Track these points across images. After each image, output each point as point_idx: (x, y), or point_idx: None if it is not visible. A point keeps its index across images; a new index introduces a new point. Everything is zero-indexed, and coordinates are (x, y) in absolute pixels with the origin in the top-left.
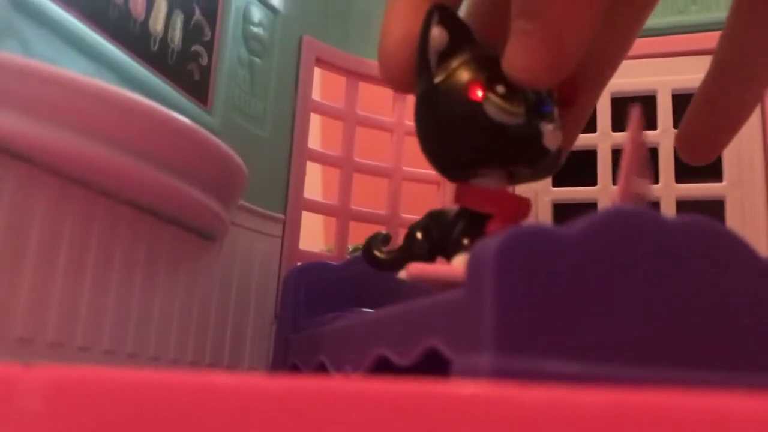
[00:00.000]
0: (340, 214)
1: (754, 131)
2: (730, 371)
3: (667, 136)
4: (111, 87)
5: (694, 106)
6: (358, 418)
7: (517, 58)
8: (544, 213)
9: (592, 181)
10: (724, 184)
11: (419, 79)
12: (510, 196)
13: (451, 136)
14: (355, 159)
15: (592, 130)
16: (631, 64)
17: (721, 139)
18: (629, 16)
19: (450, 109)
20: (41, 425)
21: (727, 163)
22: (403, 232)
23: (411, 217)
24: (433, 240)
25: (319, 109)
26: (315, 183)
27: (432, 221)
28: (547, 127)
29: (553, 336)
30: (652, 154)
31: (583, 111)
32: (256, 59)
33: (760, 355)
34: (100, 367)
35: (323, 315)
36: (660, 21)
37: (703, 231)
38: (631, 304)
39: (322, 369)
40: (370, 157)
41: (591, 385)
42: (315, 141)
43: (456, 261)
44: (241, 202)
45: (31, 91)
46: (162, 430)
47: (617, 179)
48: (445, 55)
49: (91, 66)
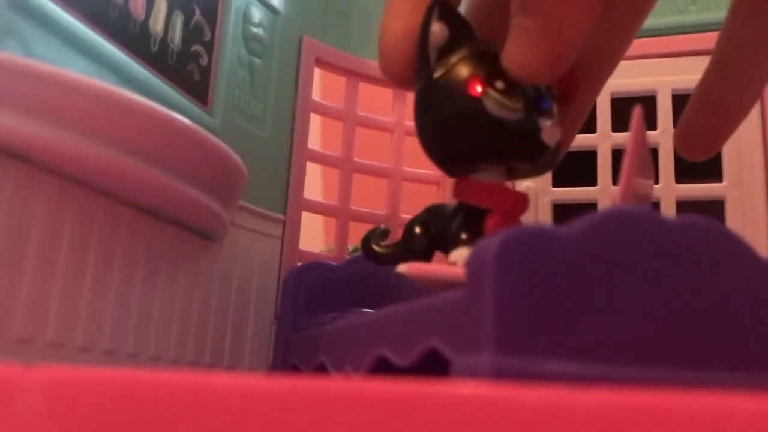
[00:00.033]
0: (340, 215)
1: (754, 131)
2: (730, 371)
3: (667, 137)
4: (111, 87)
5: (693, 104)
6: (358, 418)
7: (517, 53)
8: (544, 213)
9: (592, 182)
10: (724, 184)
11: (419, 75)
12: (508, 191)
13: (450, 132)
14: (355, 159)
15: (592, 130)
16: (631, 65)
17: (720, 137)
18: (629, 13)
19: (449, 104)
20: (41, 425)
21: (727, 163)
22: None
23: (411, 217)
24: (431, 234)
25: (319, 109)
26: (315, 183)
27: (430, 216)
28: (546, 123)
29: (553, 336)
30: (653, 154)
31: (582, 108)
32: (256, 59)
33: (760, 355)
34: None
35: (323, 315)
36: (660, 21)
37: (703, 231)
38: (631, 304)
39: (322, 369)
40: (369, 158)
41: (591, 385)
42: (315, 141)
43: (454, 255)
44: (241, 202)
45: (32, 92)
46: (162, 431)
47: (618, 179)
48: (445, 50)
49: (91, 66)
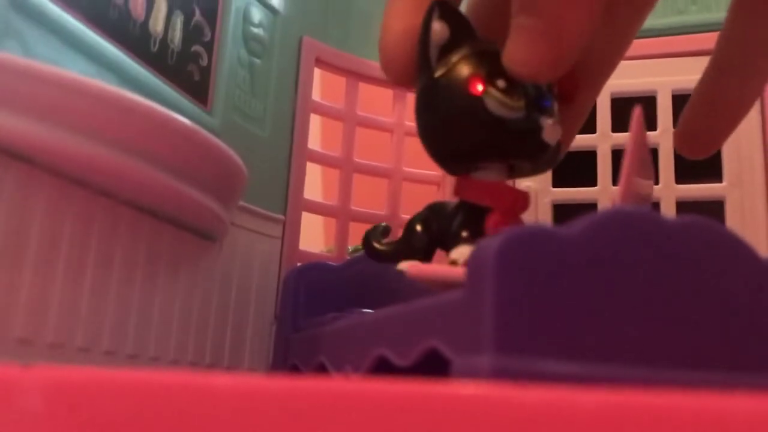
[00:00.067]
0: (340, 215)
1: (754, 131)
2: (730, 371)
3: (666, 137)
4: (111, 87)
5: (693, 103)
6: (358, 418)
7: (518, 52)
8: (544, 213)
9: (592, 182)
10: (724, 184)
11: (420, 74)
12: (509, 189)
13: (451, 130)
14: (355, 159)
15: (592, 130)
16: (631, 65)
17: (720, 136)
18: (629, 13)
19: (450, 103)
20: (41, 426)
21: (727, 163)
22: (405, 224)
23: (411, 217)
24: (432, 232)
25: (319, 109)
26: (315, 183)
27: (431, 214)
28: (547, 122)
29: (553, 336)
30: (653, 154)
31: (582, 107)
32: (256, 60)
33: (760, 355)
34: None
35: (323, 315)
36: (660, 21)
37: (702, 231)
38: (631, 305)
39: (322, 369)
40: (370, 158)
41: (591, 385)
42: (315, 141)
43: (455, 253)
44: (241, 202)
45: (32, 92)
46: (162, 431)
47: (618, 180)
48: (446, 49)
49: (91, 67)
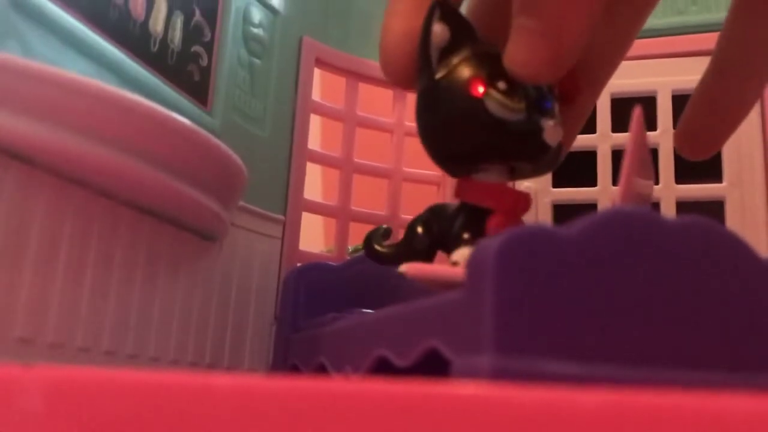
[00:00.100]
0: (340, 215)
1: (754, 131)
2: (730, 371)
3: (666, 137)
4: (111, 88)
5: (693, 104)
6: (358, 418)
7: (518, 53)
8: (544, 214)
9: (592, 182)
10: (724, 184)
11: (420, 75)
12: (510, 191)
13: (452, 132)
14: (355, 160)
15: (592, 130)
16: (631, 65)
17: (720, 136)
18: (630, 14)
19: (451, 105)
20: (41, 426)
21: (727, 163)
22: (406, 226)
23: (411, 217)
24: (433, 234)
25: (319, 109)
26: (315, 184)
27: (433, 215)
28: (548, 123)
29: (553, 336)
30: (653, 155)
31: (583, 109)
32: (256, 60)
33: (760, 355)
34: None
35: (323, 315)
36: (660, 21)
37: (702, 231)
38: (631, 305)
39: (322, 370)
40: (370, 158)
41: (591, 385)
42: (315, 142)
43: (456, 255)
44: (241, 203)
45: (31, 92)
46: (162, 431)
47: (618, 180)
48: (447, 51)
49: (91, 67)
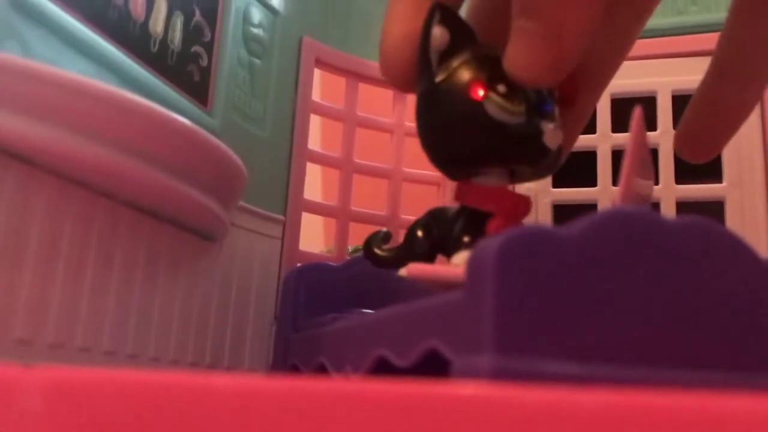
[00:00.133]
0: (340, 215)
1: (754, 131)
2: (730, 371)
3: (667, 138)
4: (111, 88)
5: (693, 106)
6: (358, 419)
7: (518, 56)
8: (544, 214)
9: (592, 182)
10: (724, 184)
11: (420, 78)
12: (510, 194)
13: (452, 135)
14: (355, 160)
15: (592, 131)
16: (631, 65)
17: (720, 139)
18: (630, 16)
19: (451, 108)
20: (41, 426)
21: (727, 163)
22: (404, 234)
23: (411, 218)
24: (433, 238)
25: (319, 110)
26: (315, 184)
27: (432, 219)
28: (548, 126)
29: (553, 337)
30: (652, 155)
31: (583, 111)
32: (256, 60)
33: (760, 355)
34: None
35: (323, 316)
36: (660, 22)
37: (702, 232)
38: (631, 305)
39: (322, 370)
40: (370, 158)
41: (591, 385)
42: (315, 142)
43: (456, 259)
44: (241, 203)
45: (31, 92)
46: (162, 431)
47: (618, 180)
48: (446, 54)
49: (91, 67)
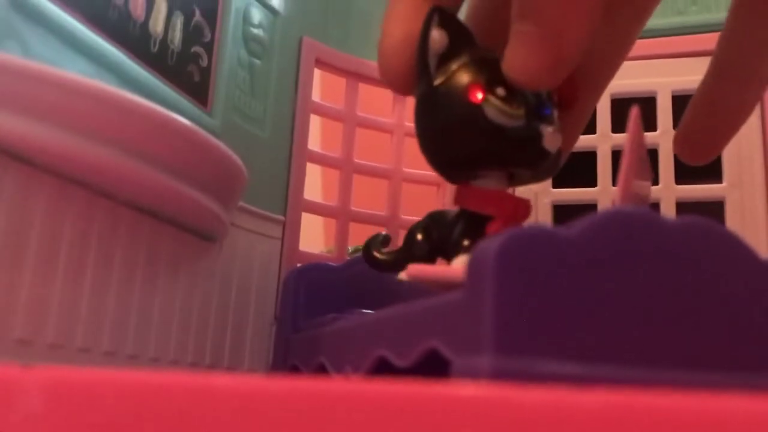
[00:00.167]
0: (340, 216)
1: (754, 132)
2: (730, 372)
3: (666, 138)
4: (111, 88)
5: (693, 107)
6: (358, 419)
7: (517, 59)
8: (544, 214)
9: (592, 183)
10: (724, 185)
11: (419, 81)
12: (510, 197)
13: (450, 138)
14: (355, 160)
15: (592, 131)
16: (631, 65)
17: (720, 140)
18: (629, 17)
19: (450, 111)
20: (41, 426)
21: (727, 163)
22: (403, 234)
23: (411, 218)
24: (433, 241)
25: (319, 110)
26: (315, 184)
27: (432, 222)
28: (547, 130)
29: (553, 337)
30: (652, 155)
31: (583, 113)
32: (256, 60)
33: (760, 355)
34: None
35: (323, 316)
36: (660, 22)
37: (702, 232)
38: (631, 305)
39: (322, 370)
40: (369, 159)
41: (591, 386)
42: (315, 142)
43: (456, 262)
44: (241, 203)
45: (31, 93)
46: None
47: (617, 180)
48: (445, 57)
49: (91, 67)
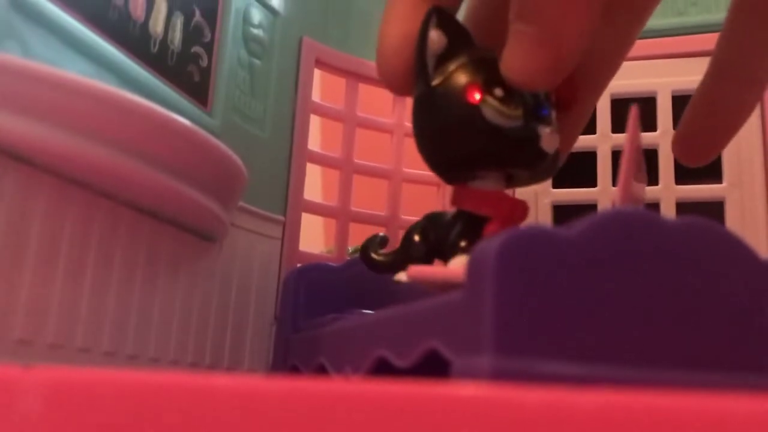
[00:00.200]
0: (340, 216)
1: (754, 132)
2: (730, 372)
3: (666, 138)
4: (111, 88)
5: (693, 107)
6: (358, 419)
7: (515, 60)
8: (543, 214)
9: (592, 183)
10: (724, 185)
11: (417, 82)
12: (507, 198)
13: (448, 139)
14: (355, 160)
15: (592, 131)
16: (631, 66)
17: (720, 140)
18: (629, 17)
19: (447, 111)
20: (41, 427)
21: (727, 163)
22: (403, 234)
23: (411, 218)
24: (430, 242)
25: (319, 110)
26: (315, 184)
27: (429, 223)
28: (545, 130)
29: (552, 337)
30: (652, 155)
31: (582, 113)
32: (256, 60)
33: (760, 355)
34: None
35: (323, 316)
36: (660, 22)
37: (702, 232)
38: (631, 306)
39: (322, 370)
40: (369, 159)
41: (591, 386)
42: (315, 142)
43: (454, 263)
44: (241, 203)
45: (31, 93)
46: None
47: (617, 181)
48: (443, 57)
49: (91, 67)
